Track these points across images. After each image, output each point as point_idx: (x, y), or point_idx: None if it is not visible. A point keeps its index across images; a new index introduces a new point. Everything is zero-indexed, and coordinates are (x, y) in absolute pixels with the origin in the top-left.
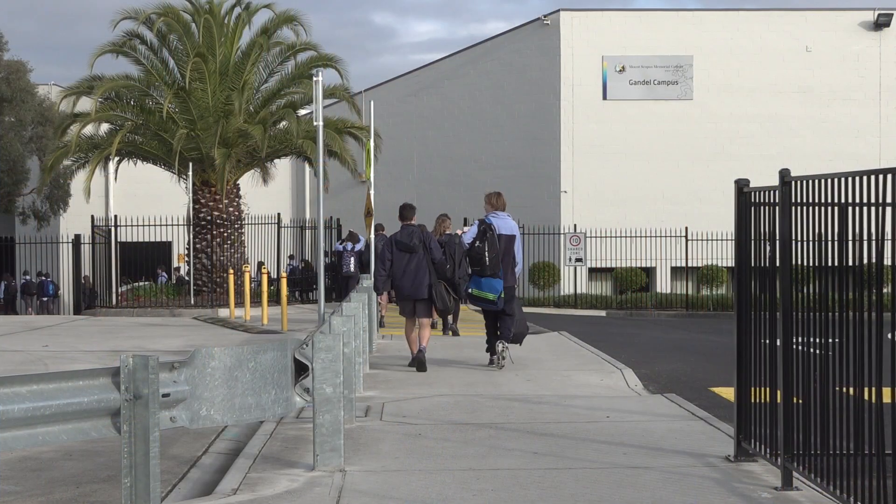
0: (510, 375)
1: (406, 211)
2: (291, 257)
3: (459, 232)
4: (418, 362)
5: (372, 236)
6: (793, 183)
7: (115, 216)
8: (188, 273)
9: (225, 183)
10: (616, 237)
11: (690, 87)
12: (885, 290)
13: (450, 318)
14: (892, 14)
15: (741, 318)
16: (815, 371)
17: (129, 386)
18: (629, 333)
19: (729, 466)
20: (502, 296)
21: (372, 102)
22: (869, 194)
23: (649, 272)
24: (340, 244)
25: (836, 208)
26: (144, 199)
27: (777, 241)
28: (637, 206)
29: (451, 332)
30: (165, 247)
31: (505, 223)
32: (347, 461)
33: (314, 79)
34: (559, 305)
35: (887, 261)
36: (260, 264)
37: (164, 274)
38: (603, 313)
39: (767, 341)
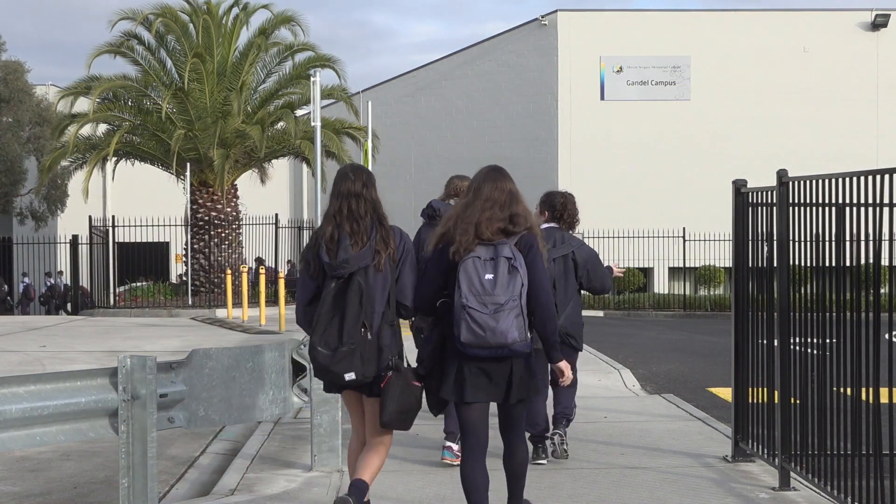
0: None
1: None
2: (290, 262)
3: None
4: None
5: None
6: (790, 183)
7: (113, 216)
8: (185, 273)
9: (223, 183)
10: (614, 237)
11: (688, 88)
12: (882, 291)
13: None
14: (889, 14)
15: (739, 318)
16: (813, 371)
17: (127, 386)
18: (627, 334)
19: (726, 467)
20: None
21: (370, 103)
22: (866, 195)
23: (647, 272)
24: None
25: (833, 209)
26: (142, 199)
27: (775, 242)
28: (635, 207)
29: None
30: (163, 247)
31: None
32: (345, 461)
33: (312, 79)
34: None
35: (885, 261)
36: (258, 261)
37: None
38: (601, 313)
39: (765, 342)
